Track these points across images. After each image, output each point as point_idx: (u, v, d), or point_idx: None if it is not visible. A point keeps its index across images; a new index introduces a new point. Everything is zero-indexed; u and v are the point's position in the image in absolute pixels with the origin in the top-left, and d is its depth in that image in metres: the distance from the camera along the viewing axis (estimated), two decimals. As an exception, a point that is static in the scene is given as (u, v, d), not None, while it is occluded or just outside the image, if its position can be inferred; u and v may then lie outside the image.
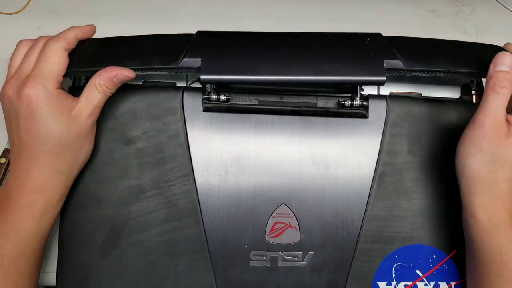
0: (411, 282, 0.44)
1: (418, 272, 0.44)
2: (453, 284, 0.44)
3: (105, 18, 0.51)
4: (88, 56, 0.40)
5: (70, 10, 0.51)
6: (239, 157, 0.43)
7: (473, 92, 0.49)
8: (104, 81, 0.38)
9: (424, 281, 0.43)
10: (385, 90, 0.47)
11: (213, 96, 0.44)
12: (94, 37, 0.50)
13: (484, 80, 0.43)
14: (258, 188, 0.43)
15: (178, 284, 0.42)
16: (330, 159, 0.43)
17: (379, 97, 0.45)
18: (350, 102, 0.45)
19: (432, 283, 0.44)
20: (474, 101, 0.49)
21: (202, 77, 0.39)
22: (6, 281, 0.35)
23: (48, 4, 0.51)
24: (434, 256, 0.44)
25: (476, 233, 0.38)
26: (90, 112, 0.38)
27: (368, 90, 0.47)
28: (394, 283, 0.44)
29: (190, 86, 0.46)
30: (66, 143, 0.37)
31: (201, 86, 0.46)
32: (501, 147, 0.37)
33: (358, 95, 0.45)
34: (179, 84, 0.46)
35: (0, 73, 0.48)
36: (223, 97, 0.45)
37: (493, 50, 0.41)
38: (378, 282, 0.43)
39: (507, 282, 0.36)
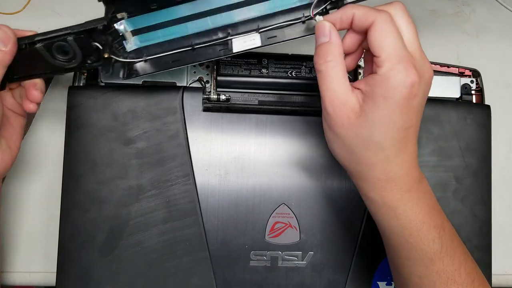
0: (411, 282, 0.43)
1: (418, 272, 0.43)
2: (453, 284, 0.44)
3: (105, 18, 0.51)
4: None
5: (70, 10, 0.51)
6: (239, 157, 0.43)
7: (473, 92, 0.49)
8: None
9: (424, 281, 0.43)
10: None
11: (213, 96, 0.45)
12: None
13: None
14: (258, 188, 0.43)
15: (178, 284, 0.41)
16: (331, 159, 0.43)
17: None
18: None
19: (432, 283, 0.43)
20: (474, 101, 0.49)
21: None
22: None
23: (48, 4, 0.51)
24: (434, 256, 0.44)
25: (378, 215, 0.35)
26: None
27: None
28: (394, 283, 0.44)
29: (190, 86, 0.46)
30: None
31: (201, 86, 0.46)
32: (355, 131, 0.32)
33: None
34: (179, 84, 0.46)
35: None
36: (223, 97, 0.45)
37: None
38: (378, 282, 0.43)
39: (416, 264, 0.34)
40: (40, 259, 0.46)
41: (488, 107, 0.47)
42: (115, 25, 0.36)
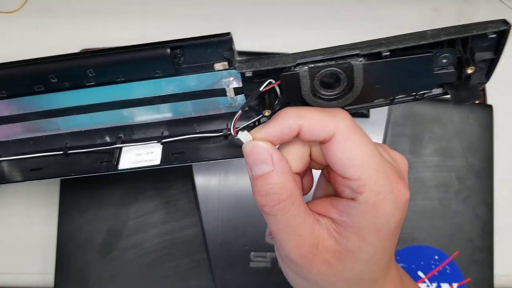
0: (413, 284, 0.43)
1: (420, 273, 0.43)
2: (455, 285, 0.43)
3: (102, 16, 0.50)
4: None
5: (68, 8, 0.50)
6: (239, 157, 0.42)
7: (475, 91, 0.49)
8: None
9: (426, 282, 0.43)
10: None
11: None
12: (94, 37, 0.50)
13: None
14: (258, 188, 0.42)
15: (177, 285, 0.41)
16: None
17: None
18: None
19: (434, 284, 0.43)
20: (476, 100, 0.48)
21: None
22: None
23: (46, 2, 0.50)
24: (436, 257, 0.43)
25: None
26: None
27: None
28: (395, 284, 0.43)
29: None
30: None
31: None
32: (339, 275, 0.24)
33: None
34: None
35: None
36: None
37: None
38: (379, 283, 0.43)
39: None
40: (38, 260, 0.45)
41: (490, 107, 0.46)
42: None
